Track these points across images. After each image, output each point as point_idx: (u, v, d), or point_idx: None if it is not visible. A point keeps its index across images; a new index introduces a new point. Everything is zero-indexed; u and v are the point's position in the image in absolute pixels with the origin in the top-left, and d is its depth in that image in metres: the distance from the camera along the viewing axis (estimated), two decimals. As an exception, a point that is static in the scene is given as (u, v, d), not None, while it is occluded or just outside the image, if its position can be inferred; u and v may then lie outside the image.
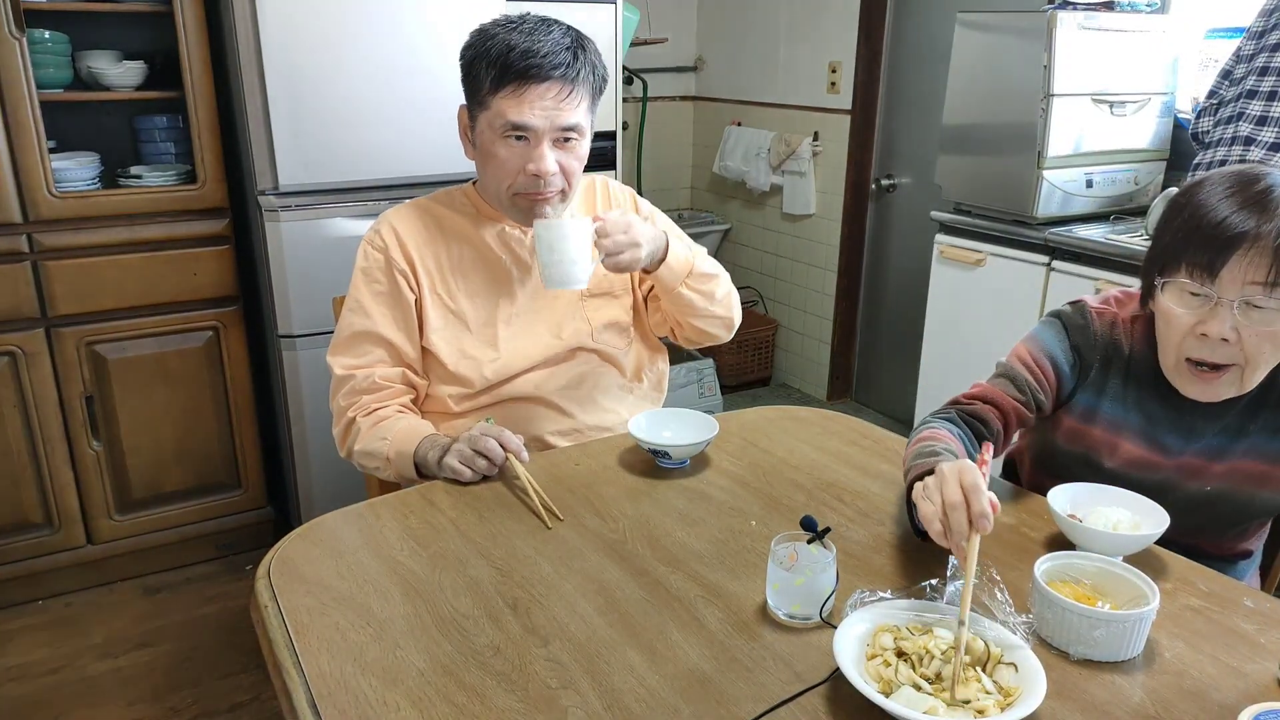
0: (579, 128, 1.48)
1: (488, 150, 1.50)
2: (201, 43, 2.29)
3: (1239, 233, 1.12)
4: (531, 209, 1.52)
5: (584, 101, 1.48)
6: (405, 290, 1.54)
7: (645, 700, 0.92)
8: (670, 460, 1.42)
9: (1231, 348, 1.17)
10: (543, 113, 1.44)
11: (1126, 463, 1.32)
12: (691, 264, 1.57)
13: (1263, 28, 2.25)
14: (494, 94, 1.44)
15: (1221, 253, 1.13)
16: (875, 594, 1.00)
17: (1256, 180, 1.16)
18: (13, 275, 2.23)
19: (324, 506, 1.64)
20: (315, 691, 0.94)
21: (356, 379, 1.52)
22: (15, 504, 2.37)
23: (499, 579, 1.13)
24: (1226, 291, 1.15)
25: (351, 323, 1.54)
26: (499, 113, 1.44)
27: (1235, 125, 2.21)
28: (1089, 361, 1.34)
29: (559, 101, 1.44)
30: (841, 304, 3.86)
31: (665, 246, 1.53)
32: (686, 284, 1.57)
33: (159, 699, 2.13)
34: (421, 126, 2.40)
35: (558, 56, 1.43)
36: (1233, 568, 1.39)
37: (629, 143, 4.21)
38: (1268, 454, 1.28)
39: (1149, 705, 0.92)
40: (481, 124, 1.49)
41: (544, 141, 1.46)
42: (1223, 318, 1.15)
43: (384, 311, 1.53)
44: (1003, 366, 1.38)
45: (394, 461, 1.47)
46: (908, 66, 3.51)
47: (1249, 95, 2.20)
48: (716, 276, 1.63)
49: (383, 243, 1.55)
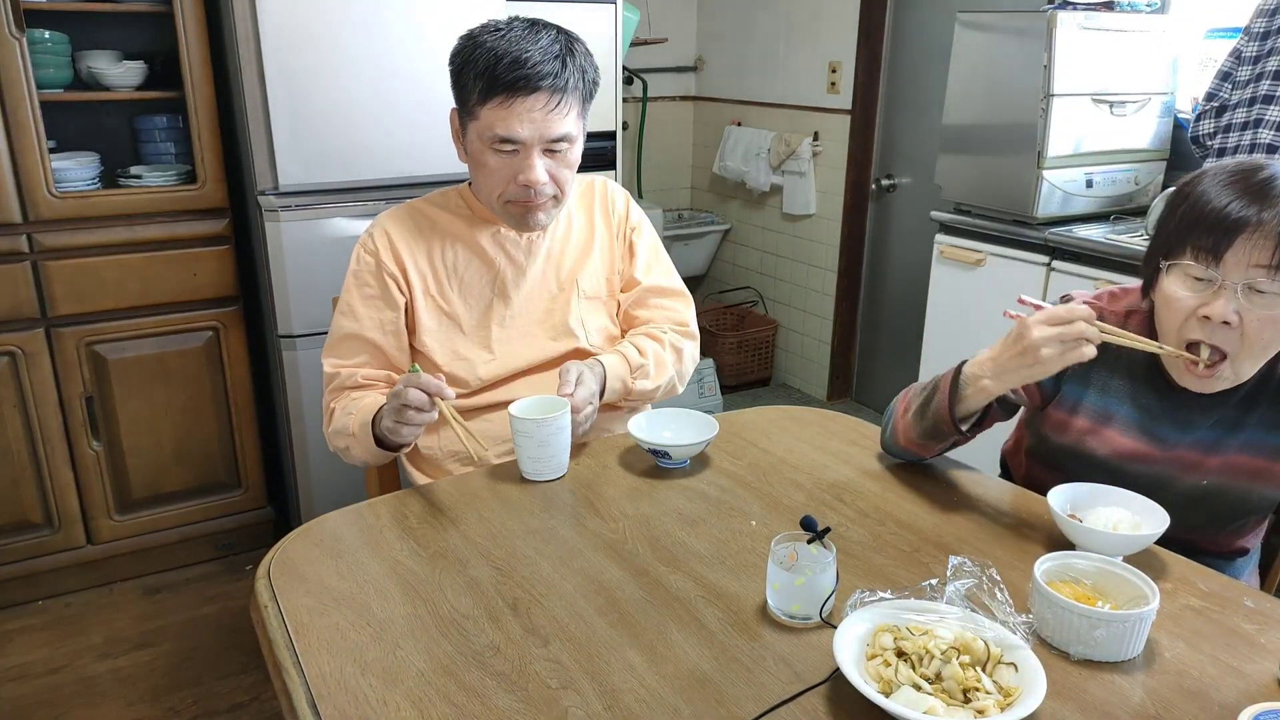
0: (568, 137, 1.48)
1: (478, 159, 1.50)
2: (201, 43, 2.29)
3: (1242, 217, 1.14)
4: (525, 217, 1.53)
5: (573, 109, 1.47)
6: (395, 294, 1.55)
7: (645, 700, 0.92)
8: (670, 460, 1.42)
9: (1232, 332, 1.18)
10: (531, 125, 1.43)
11: (1120, 454, 1.33)
12: (628, 387, 1.58)
13: (1265, 29, 2.23)
14: (482, 105, 1.44)
15: (1226, 236, 1.15)
16: (875, 594, 1.00)
17: (1259, 170, 1.18)
18: (13, 275, 2.23)
19: (324, 506, 1.64)
20: (315, 691, 0.94)
21: (342, 377, 1.56)
22: (15, 504, 2.37)
23: (499, 579, 1.13)
24: (1230, 275, 1.16)
25: (341, 325, 1.57)
26: (488, 124, 1.44)
27: (1254, 132, 2.17)
28: None
29: (547, 113, 1.43)
30: (841, 304, 3.86)
31: (603, 386, 1.55)
32: (625, 399, 1.62)
33: (159, 699, 2.13)
34: (421, 126, 2.40)
35: (545, 66, 1.42)
36: (1230, 565, 1.39)
37: (629, 143, 4.21)
38: (1263, 449, 1.28)
39: (1149, 705, 0.92)
40: (471, 133, 1.49)
41: (533, 152, 1.45)
42: (1226, 300, 1.16)
43: (372, 315, 1.55)
44: None
45: (358, 436, 1.47)
46: (908, 66, 3.51)
47: (1265, 100, 2.17)
48: (658, 388, 1.65)
49: (374, 246, 1.56)
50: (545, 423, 1.35)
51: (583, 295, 1.64)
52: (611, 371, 1.56)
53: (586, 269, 1.65)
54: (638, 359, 1.60)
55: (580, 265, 1.64)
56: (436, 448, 1.57)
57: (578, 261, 1.64)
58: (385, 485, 1.66)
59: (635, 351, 1.61)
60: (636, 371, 1.59)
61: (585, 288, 1.64)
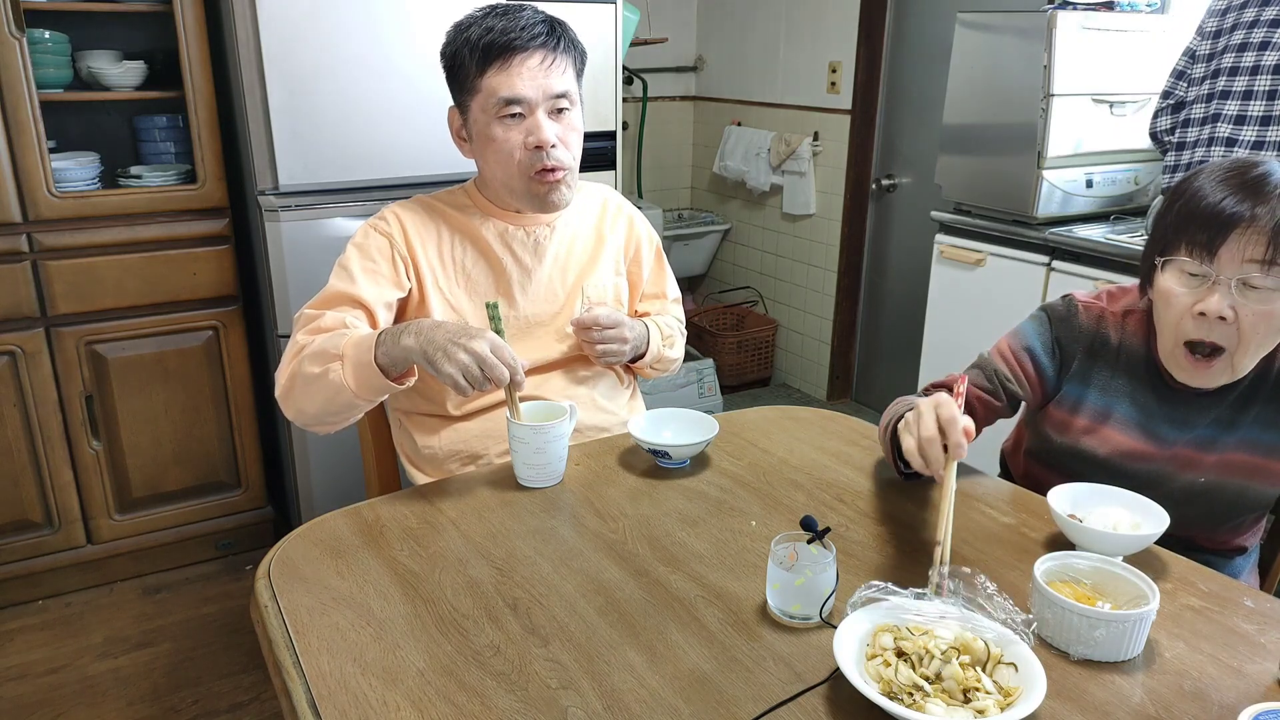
0: (569, 95, 1.50)
1: (485, 135, 1.49)
2: (201, 43, 2.29)
3: (1236, 213, 1.16)
4: (548, 194, 1.52)
5: (569, 69, 1.50)
6: (402, 277, 1.52)
7: (645, 700, 0.92)
8: (670, 460, 1.42)
9: (1228, 327, 1.19)
10: (532, 80, 1.45)
11: (1119, 453, 1.33)
12: (661, 353, 1.72)
13: (1217, 28, 2.28)
14: (482, 75, 1.46)
15: (1220, 232, 1.17)
16: (885, 585, 0.99)
17: (1252, 167, 1.20)
18: (13, 275, 2.23)
19: (324, 506, 1.64)
20: (315, 691, 0.94)
21: (325, 319, 1.41)
22: (15, 504, 2.37)
23: (499, 579, 1.13)
24: (1225, 270, 1.17)
25: (334, 285, 1.47)
26: (490, 91, 1.46)
27: (1213, 126, 2.23)
28: (1071, 353, 1.38)
29: (546, 68, 1.46)
30: (841, 304, 3.86)
31: (646, 343, 1.67)
32: (652, 367, 1.75)
33: (159, 699, 2.13)
34: (421, 126, 2.40)
35: (536, 28, 1.46)
36: (1229, 564, 1.39)
37: (629, 143, 4.21)
38: (1259, 446, 1.29)
39: (1149, 705, 0.92)
40: (474, 111, 1.49)
41: (538, 110, 1.47)
42: (1220, 295, 1.18)
43: (370, 283, 1.48)
44: (981, 358, 1.43)
45: (350, 356, 1.31)
46: (908, 66, 3.51)
47: (1223, 96, 2.22)
48: (676, 360, 1.79)
49: (389, 229, 1.53)
50: (542, 429, 1.34)
51: (589, 301, 1.64)
52: (653, 330, 1.70)
53: (593, 276, 1.65)
54: (667, 329, 1.75)
55: (587, 272, 1.65)
56: (437, 448, 1.57)
57: (585, 268, 1.65)
58: (385, 485, 1.66)
59: (663, 323, 1.75)
60: (666, 341, 1.73)
61: (591, 294, 1.64)
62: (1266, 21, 2.18)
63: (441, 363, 1.26)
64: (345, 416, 1.41)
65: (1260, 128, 2.15)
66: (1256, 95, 2.16)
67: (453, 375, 1.26)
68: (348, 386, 1.32)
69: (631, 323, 1.63)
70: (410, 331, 1.30)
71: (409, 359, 1.31)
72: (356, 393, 1.33)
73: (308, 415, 1.41)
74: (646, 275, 1.77)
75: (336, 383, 1.33)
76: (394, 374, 1.33)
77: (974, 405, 1.38)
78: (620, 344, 1.59)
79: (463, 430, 1.56)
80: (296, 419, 1.43)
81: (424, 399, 1.57)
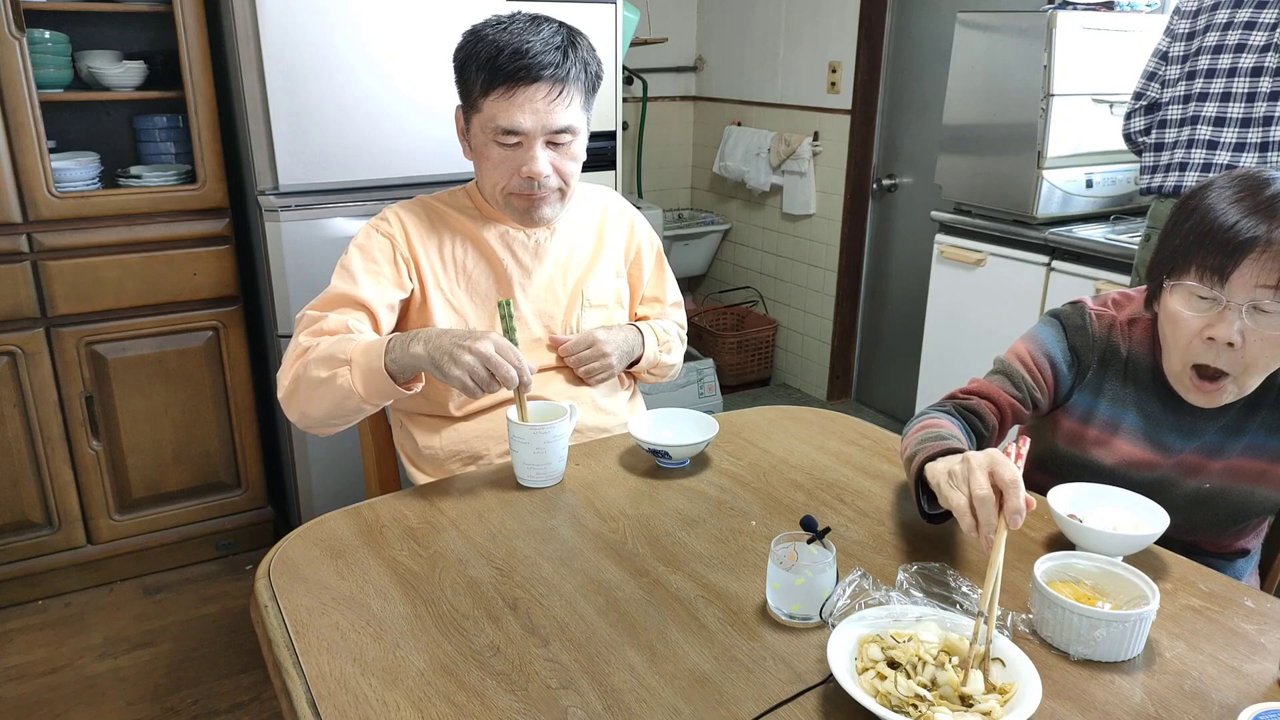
0: (571, 128, 1.48)
1: (482, 152, 1.50)
2: (201, 43, 2.29)
3: (1250, 238, 1.12)
4: (528, 210, 1.53)
5: (576, 100, 1.47)
6: (404, 278, 1.52)
7: (645, 700, 0.92)
8: (670, 460, 1.42)
9: (1236, 352, 1.17)
10: (533, 115, 1.43)
11: (1126, 463, 1.32)
12: (657, 359, 1.73)
13: (1190, 29, 2.26)
14: (485, 97, 1.44)
15: (1233, 257, 1.13)
16: (864, 573, 0.98)
17: (1266, 185, 1.16)
18: (13, 275, 2.23)
19: (324, 506, 1.64)
20: (315, 691, 0.94)
21: (328, 320, 1.43)
22: (15, 504, 2.37)
23: (499, 579, 1.13)
24: (1235, 295, 1.14)
25: (336, 286, 1.49)
26: (490, 116, 1.44)
27: (1192, 128, 2.22)
28: (1086, 362, 1.35)
29: (549, 103, 1.43)
30: (842, 304, 3.86)
31: (640, 345, 1.68)
32: (650, 373, 1.76)
33: (159, 699, 2.13)
34: (421, 126, 2.40)
35: (547, 56, 1.42)
36: (1231, 566, 1.39)
37: (629, 143, 4.21)
38: (1266, 452, 1.28)
39: (1149, 705, 0.92)
40: (475, 126, 1.49)
41: (536, 143, 1.45)
42: (1230, 321, 1.15)
43: (372, 284, 1.49)
44: (1001, 363, 1.39)
45: (358, 362, 1.33)
46: (908, 66, 3.51)
47: (1200, 98, 2.21)
48: (675, 366, 1.80)
49: (390, 230, 1.53)
50: (542, 429, 1.34)
51: (589, 304, 1.64)
52: (648, 334, 1.70)
53: (593, 279, 1.65)
54: (664, 334, 1.75)
55: (587, 275, 1.65)
56: (438, 448, 1.57)
57: (585, 270, 1.65)
58: (385, 485, 1.66)
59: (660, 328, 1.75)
60: (663, 346, 1.73)
61: (591, 297, 1.65)
62: (1240, 23, 2.15)
63: (448, 366, 1.28)
64: (350, 420, 1.43)
65: (1240, 129, 2.14)
66: (1235, 97, 2.15)
67: (460, 378, 1.28)
68: (356, 392, 1.34)
69: (610, 336, 1.62)
70: (420, 339, 1.32)
71: (418, 366, 1.33)
72: (365, 398, 1.35)
73: (312, 418, 1.42)
74: (646, 279, 1.77)
75: (345, 388, 1.34)
76: (402, 380, 1.35)
77: (1005, 412, 1.34)
78: (602, 359, 1.60)
79: (463, 430, 1.56)
80: (299, 421, 1.44)
81: (426, 400, 1.57)
